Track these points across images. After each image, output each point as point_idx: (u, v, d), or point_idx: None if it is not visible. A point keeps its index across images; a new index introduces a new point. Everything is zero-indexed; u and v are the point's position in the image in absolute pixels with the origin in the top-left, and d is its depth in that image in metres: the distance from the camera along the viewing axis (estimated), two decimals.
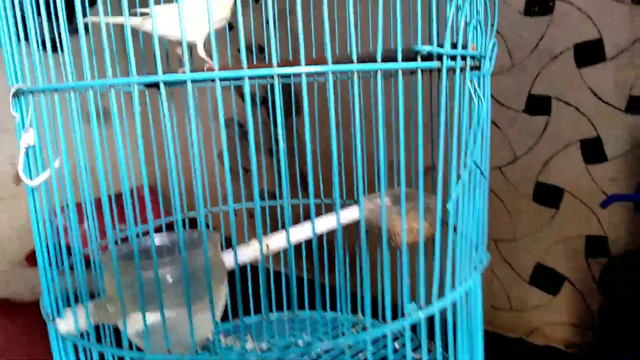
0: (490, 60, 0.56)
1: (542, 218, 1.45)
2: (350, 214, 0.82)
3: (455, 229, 0.53)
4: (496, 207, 1.53)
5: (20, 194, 2.47)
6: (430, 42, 0.63)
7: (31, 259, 2.31)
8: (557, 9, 1.35)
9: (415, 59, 0.49)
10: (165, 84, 0.45)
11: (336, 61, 0.55)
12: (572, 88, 1.35)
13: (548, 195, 1.44)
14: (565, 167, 1.39)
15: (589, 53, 1.31)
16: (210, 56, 0.80)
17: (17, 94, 0.57)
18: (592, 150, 1.34)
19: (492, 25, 0.62)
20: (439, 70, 0.49)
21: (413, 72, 0.55)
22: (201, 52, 0.76)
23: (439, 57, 0.48)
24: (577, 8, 1.31)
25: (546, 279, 1.48)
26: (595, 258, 1.38)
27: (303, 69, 0.46)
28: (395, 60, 0.48)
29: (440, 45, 0.48)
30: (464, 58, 0.52)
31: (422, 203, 0.51)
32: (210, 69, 0.77)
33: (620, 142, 1.30)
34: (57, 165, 0.55)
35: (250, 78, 0.49)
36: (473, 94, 0.52)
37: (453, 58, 0.49)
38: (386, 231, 0.74)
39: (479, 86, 0.55)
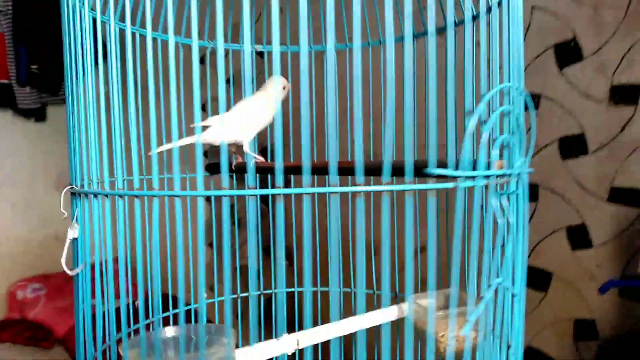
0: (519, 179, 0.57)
1: (532, 301, 1.50)
2: (393, 313, 0.82)
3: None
4: None
5: None
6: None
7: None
8: (542, 105, 1.46)
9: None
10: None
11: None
12: (557, 177, 1.45)
13: (537, 279, 1.49)
14: (552, 251, 1.46)
15: (573, 146, 1.42)
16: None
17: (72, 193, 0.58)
18: (578, 237, 1.42)
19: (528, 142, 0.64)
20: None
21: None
22: (247, 149, 0.84)
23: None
24: (561, 105, 1.43)
25: None
26: (584, 341, 1.42)
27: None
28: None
29: (457, 165, 0.48)
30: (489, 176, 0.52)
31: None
32: (256, 164, 0.83)
33: (604, 229, 1.38)
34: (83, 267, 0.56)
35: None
36: (498, 214, 0.53)
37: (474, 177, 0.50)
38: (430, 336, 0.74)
39: (509, 204, 0.56)
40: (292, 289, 1.10)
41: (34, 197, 2.54)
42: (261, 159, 0.89)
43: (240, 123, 0.86)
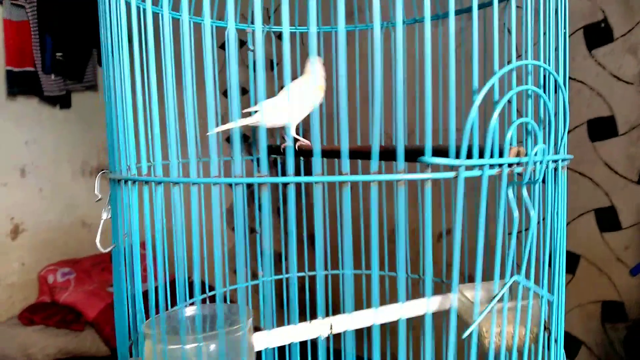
0: (540, 166, 0.53)
1: None
2: (437, 302, 0.78)
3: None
4: None
5: (13, 251, 2.36)
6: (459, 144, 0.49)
7: (25, 317, 2.19)
8: (570, 87, 1.45)
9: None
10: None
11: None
12: (586, 160, 1.44)
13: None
14: (581, 234, 1.46)
15: (602, 128, 1.41)
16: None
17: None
18: (607, 219, 1.42)
19: (564, 130, 0.60)
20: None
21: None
22: (293, 132, 0.85)
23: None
24: (589, 87, 1.42)
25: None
26: (612, 323, 1.43)
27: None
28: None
29: (458, 152, 0.45)
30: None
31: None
32: (301, 147, 0.85)
33: (633, 212, 1.38)
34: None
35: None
36: (512, 204, 0.50)
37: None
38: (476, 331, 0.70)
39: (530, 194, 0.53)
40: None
41: (60, 183, 2.58)
42: (307, 142, 0.90)
43: (291, 106, 0.87)
